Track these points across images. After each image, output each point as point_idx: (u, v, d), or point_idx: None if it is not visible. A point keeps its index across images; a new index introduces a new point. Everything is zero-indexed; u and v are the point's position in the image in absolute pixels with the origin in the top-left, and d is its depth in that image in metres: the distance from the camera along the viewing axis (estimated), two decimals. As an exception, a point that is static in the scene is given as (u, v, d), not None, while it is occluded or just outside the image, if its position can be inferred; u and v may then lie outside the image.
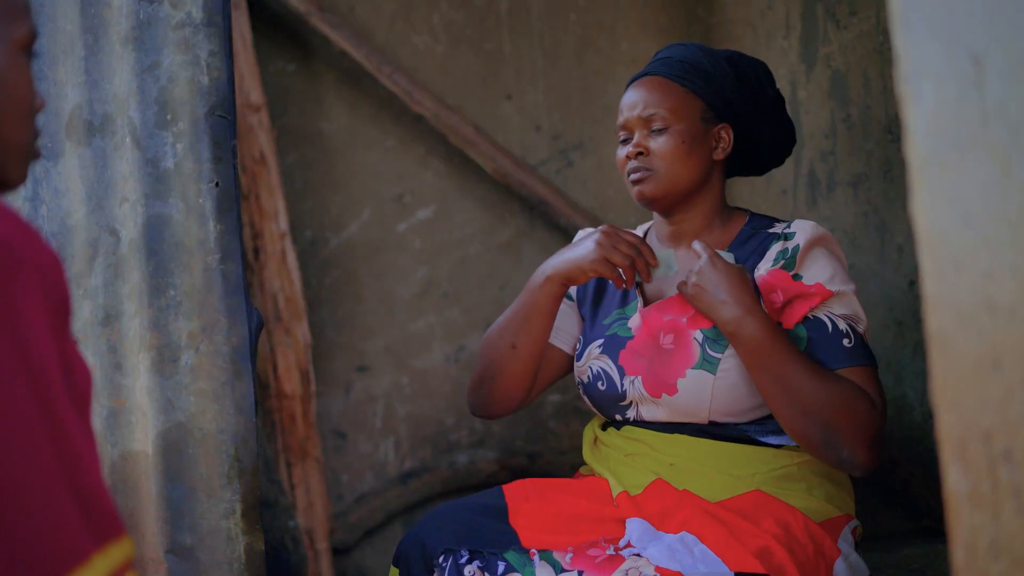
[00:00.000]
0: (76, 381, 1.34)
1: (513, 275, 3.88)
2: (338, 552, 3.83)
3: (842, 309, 2.38)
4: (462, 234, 3.89)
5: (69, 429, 1.30)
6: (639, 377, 2.44)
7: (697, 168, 2.48)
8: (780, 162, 2.64)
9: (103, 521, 1.31)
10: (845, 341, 2.36)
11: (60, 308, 1.33)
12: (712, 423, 2.41)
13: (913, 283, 3.20)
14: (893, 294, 3.27)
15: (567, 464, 3.80)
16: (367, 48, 3.74)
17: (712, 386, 2.37)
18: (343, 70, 3.83)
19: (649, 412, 2.44)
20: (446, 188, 3.88)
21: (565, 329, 2.64)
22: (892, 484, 3.35)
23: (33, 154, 1.49)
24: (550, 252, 3.67)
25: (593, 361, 2.52)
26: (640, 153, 2.47)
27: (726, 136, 2.52)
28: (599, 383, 2.50)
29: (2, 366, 1.27)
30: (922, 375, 3.20)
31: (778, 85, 3.47)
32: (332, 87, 3.85)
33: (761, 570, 2.21)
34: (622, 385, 2.46)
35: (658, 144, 2.47)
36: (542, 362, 2.62)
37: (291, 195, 3.82)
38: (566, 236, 3.78)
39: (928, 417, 3.22)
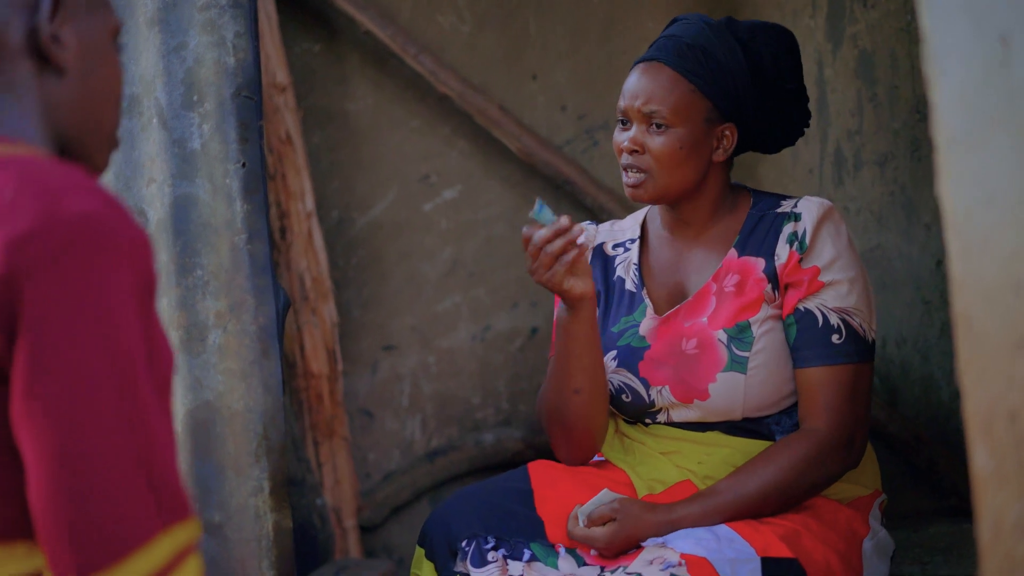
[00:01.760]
0: (158, 363, 1.36)
1: (539, 255, 3.87)
2: (365, 530, 3.85)
3: (836, 301, 2.32)
4: (488, 214, 3.89)
5: (147, 408, 1.32)
6: (666, 387, 2.38)
7: (693, 173, 2.36)
8: (792, 144, 2.51)
9: (172, 501, 1.33)
10: (834, 337, 2.31)
11: (146, 287, 1.35)
12: (745, 419, 2.38)
13: (940, 263, 3.19)
14: (920, 274, 3.26)
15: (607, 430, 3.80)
16: (392, 28, 3.74)
17: (744, 385, 2.33)
18: (368, 50, 3.83)
19: (680, 415, 2.39)
20: (472, 168, 3.89)
21: None
22: (918, 463, 3.34)
23: (116, 143, 1.54)
24: (576, 231, 3.67)
25: (612, 375, 2.43)
26: (635, 150, 2.35)
27: (729, 135, 2.38)
28: (623, 395, 2.43)
29: (84, 341, 1.30)
30: (949, 354, 3.20)
31: (805, 64, 3.46)
32: (357, 68, 3.85)
33: (788, 553, 2.20)
34: (649, 396, 2.40)
35: (656, 144, 2.34)
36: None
37: (317, 175, 3.83)
38: (591, 215, 3.78)
39: (955, 396, 3.22)
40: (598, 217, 3.71)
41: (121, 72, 1.53)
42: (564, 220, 2.29)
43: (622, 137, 2.37)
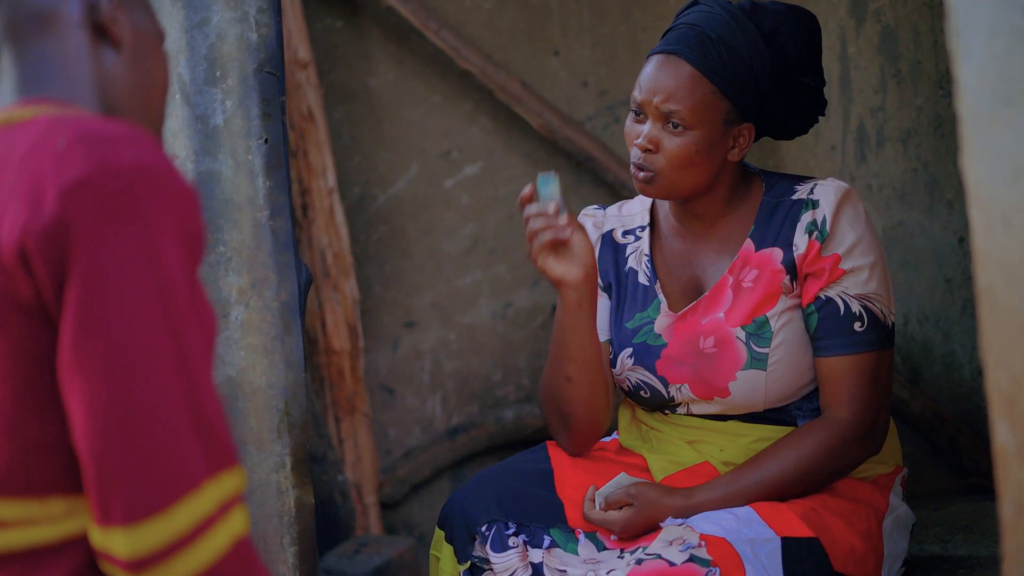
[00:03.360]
0: (203, 322, 1.38)
1: (560, 231, 3.87)
2: (386, 506, 3.87)
3: (857, 288, 2.28)
4: (509, 190, 3.89)
5: (194, 356, 1.35)
6: (685, 385, 2.36)
7: (706, 173, 2.30)
8: (805, 132, 2.43)
9: (219, 449, 1.35)
10: (856, 325, 2.28)
11: (193, 243, 1.37)
12: (768, 409, 2.36)
13: (963, 240, 3.18)
14: (942, 250, 3.25)
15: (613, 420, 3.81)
16: (413, 4, 3.74)
17: (765, 381, 2.31)
18: (390, 26, 3.83)
19: (700, 409, 2.38)
20: (493, 144, 3.88)
21: (606, 324, 2.48)
22: (940, 441, 3.34)
23: (162, 139, 1.62)
24: (597, 208, 3.67)
25: (628, 372, 2.41)
26: (649, 149, 2.27)
27: (746, 135, 2.31)
28: (641, 391, 2.41)
29: (134, 288, 1.32)
30: (971, 332, 3.19)
31: (828, 40, 3.44)
32: (379, 43, 3.85)
33: (808, 533, 2.19)
34: (668, 392, 2.38)
35: (671, 144, 2.26)
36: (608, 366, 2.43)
37: (339, 151, 3.83)
38: (612, 192, 3.78)
39: (976, 374, 3.21)
40: (619, 194, 3.71)
41: (168, 70, 1.58)
42: (551, 205, 2.24)
43: (636, 130, 2.30)
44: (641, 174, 2.30)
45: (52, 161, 1.34)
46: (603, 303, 2.46)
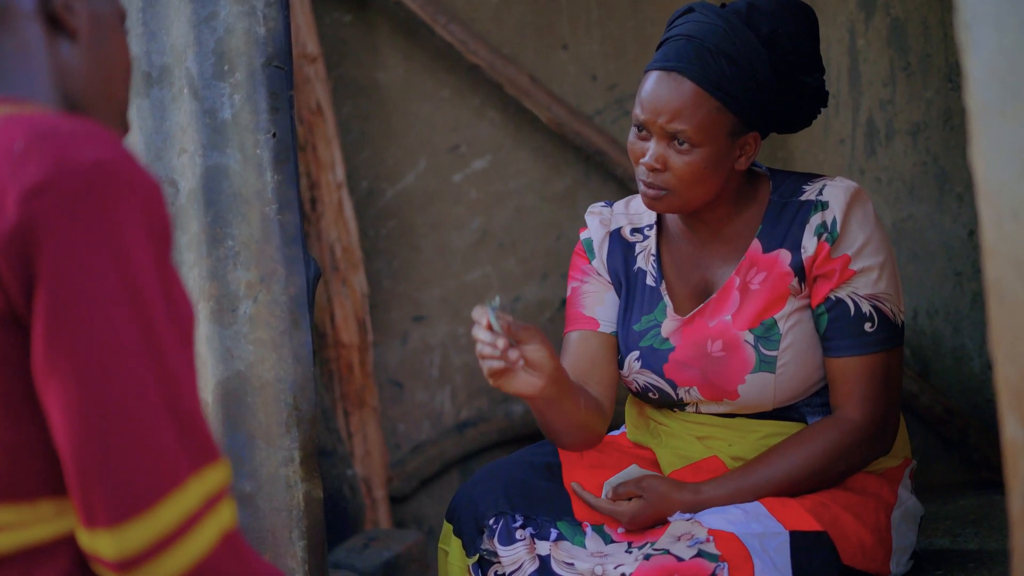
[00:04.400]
0: (178, 312, 1.36)
1: (568, 225, 3.88)
2: (395, 500, 3.87)
3: (867, 288, 2.27)
4: (518, 184, 3.89)
5: (169, 352, 1.33)
6: (694, 387, 2.36)
7: (715, 186, 2.28)
8: (808, 125, 2.39)
9: (199, 444, 1.33)
10: (867, 325, 2.27)
11: (161, 235, 1.35)
12: (776, 408, 2.36)
13: (972, 233, 3.18)
14: (952, 244, 3.24)
15: (620, 414, 3.80)
16: (422, -2, 3.74)
17: (774, 383, 2.31)
18: (398, 20, 3.83)
19: (710, 409, 2.38)
20: (501, 138, 3.88)
21: (614, 316, 2.47)
22: (949, 435, 3.33)
23: (127, 125, 1.58)
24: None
25: (636, 375, 2.41)
26: (657, 168, 2.25)
27: (752, 143, 2.29)
28: (650, 393, 2.41)
29: (104, 288, 1.30)
30: (980, 325, 3.19)
31: (837, 34, 3.43)
32: (387, 37, 3.85)
33: (817, 526, 2.19)
34: (677, 394, 2.38)
35: (679, 162, 2.23)
36: (610, 356, 2.44)
37: (347, 146, 3.83)
38: (621, 186, 3.77)
39: (986, 367, 3.21)
40: (628, 187, 3.70)
41: (129, 53, 1.55)
42: (500, 340, 2.21)
43: (641, 148, 2.27)
44: (651, 192, 2.28)
45: (10, 164, 1.32)
46: (611, 298, 2.45)
